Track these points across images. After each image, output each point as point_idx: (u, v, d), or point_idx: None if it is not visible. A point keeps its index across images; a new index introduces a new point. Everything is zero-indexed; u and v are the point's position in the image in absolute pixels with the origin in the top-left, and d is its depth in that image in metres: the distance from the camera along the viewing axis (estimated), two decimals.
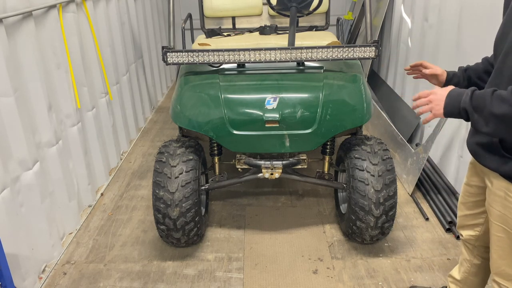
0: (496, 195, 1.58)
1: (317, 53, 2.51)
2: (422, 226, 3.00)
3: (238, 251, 2.80)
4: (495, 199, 1.59)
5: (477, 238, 1.90)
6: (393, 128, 3.82)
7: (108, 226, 3.08)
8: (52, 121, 2.70)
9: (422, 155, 3.23)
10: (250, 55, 2.52)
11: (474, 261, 1.99)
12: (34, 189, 2.49)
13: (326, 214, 3.17)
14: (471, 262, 2.00)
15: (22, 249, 2.35)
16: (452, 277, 2.13)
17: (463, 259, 2.04)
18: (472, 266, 2.00)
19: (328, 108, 2.46)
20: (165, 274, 2.62)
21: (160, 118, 5.09)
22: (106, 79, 3.63)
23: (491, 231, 1.66)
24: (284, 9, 3.19)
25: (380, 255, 2.73)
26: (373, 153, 2.54)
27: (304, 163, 2.80)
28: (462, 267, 2.05)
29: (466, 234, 1.95)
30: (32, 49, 2.50)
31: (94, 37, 3.39)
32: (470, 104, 1.43)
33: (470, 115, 1.45)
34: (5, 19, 2.25)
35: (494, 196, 1.59)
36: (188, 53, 2.53)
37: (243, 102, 2.51)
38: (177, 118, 2.62)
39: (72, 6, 3.04)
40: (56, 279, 2.59)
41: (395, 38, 4.53)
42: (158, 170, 2.53)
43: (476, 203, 1.82)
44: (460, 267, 2.07)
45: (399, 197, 3.31)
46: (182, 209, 2.48)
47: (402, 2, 4.34)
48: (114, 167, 3.87)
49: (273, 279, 2.55)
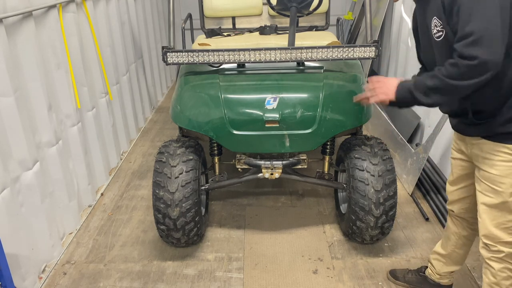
0: (485, 158, 1.77)
1: (317, 53, 2.51)
2: (422, 226, 3.00)
3: (238, 251, 2.80)
4: (484, 162, 1.78)
5: (467, 209, 2.06)
6: (393, 128, 3.82)
7: (108, 226, 3.08)
8: (52, 121, 2.70)
9: (422, 155, 3.23)
10: (250, 55, 2.51)
11: (463, 233, 2.13)
12: (34, 189, 2.49)
13: (326, 214, 3.17)
14: (459, 235, 2.15)
15: (22, 249, 2.35)
16: (437, 253, 2.28)
17: (450, 233, 2.18)
18: (459, 238, 2.17)
19: (328, 108, 2.46)
20: (165, 274, 2.62)
21: (160, 118, 5.09)
22: (106, 79, 3.63)
23: (481, 194, 1.82)
24: (284, 9, 3.19)
25: (380, 255, 2.73)
26: (373, 153, 2.54)
27: (304, 163, 2.80)
28: (449, 241, 2.20)
29: (457, 208, 2.10)
30: (32, 49, 2.50)
31: (94, 37, 3.39)
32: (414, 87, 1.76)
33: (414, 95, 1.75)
34: (5, 19, 2.25)
35: (482, 159, 1.79)
36: (188, 53, 2.53)
37: (243, 102, 2.51)
38: (177, 118, 2.62)
39: (72, 6, 3.04)
40: (56, 279, 2.59)
41: (395, 38, 4.53)
42: (158, 170, 2.53)
43: (466, 176, 1.99)
44: (447, 242, 2.21)
45: (399, 197, 3.30)
46: (182, 209, 2.48)
47: (402, 2, 4.34)
48: (114, 167, 3.87)
49: (273, 279, 2.55)
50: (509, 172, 1.72)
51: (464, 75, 1.59)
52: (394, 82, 1.86)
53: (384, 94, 1.88)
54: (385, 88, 1.88)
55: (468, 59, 1.55)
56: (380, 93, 1.90)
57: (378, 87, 1.92)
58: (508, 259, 1.81)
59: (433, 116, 3.49)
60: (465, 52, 1.55)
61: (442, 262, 2.26)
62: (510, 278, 1.83)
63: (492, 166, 1.74)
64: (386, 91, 1.87)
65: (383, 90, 1.89)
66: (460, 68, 1.58)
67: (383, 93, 1.88)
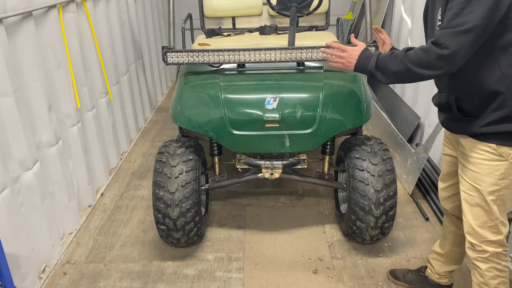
0: (469, 156, 1.79)
1: (317, 53, 2.51)
2: (422, 226, 3.00)
3: (238, 251, 2.80)
4: (467, 159, 1.81)
5: (459, 207, 2.03)
6: (393, 128, 3.82)
7: (108, 226, 3.08)
8: (52, 121, 2.70)
9: (422, 155, 3.23)
10: (250, 55, 2.52)
11: (459, 232, 2.13)
12: (34, 189, 2.49)
13: (326, 214, 3.17)
14: (456, 233, 2.16)
15: (22, 249, 2.35)
16: (435, 252, 2.29)
17: (447, 232, 2.19)
18: (456, 237, 2.15)
19: (328, 108, 2.46)
20: (165, 274, 2.62)
21: (160, 118, 5.09)
22: (106, 79, 3.63)
23: (464, 193, 1.83)
24: (284, 9, 3.19)
25: (380, 255, 2.73)
26: (373, 153, 2.54)
27: (304, 163, 2.80)
28: (446, 240, 2.20)
29: (449, 206, 2.13)
30: (32, 49, 2.50)
31: (94, 37, 3.39)
32: (374, 67, 1.85)
33: (374, 74, 1.86)
34: (5, 19, 2.25)
35: (466, 157, 1.81)
36: (188, 53, 2.53)
37: (243, 102, 2.51)
38: (177, 118, 2.62)
39: (72, 6, 3.04)
40: (56, 279, 2.59)
41: (395, 38, 4.52)
42: (158, 170, 2.53)
43: (454, 173, 2.01)
44: (445, 241, 2.22)
45: (399, 197, 3.31)
46: (182, 209, 2.48)
47: (402, 2, 4.34)
48: (114, 167, 3.87)
49: (273, 279, 2.55)
50: (490, 171, 1.74)
51: (430, 64, 1.64)
52: (357, 52, 1.96)
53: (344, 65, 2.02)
54: (349, 58, 1.98)
55: (440, 48, 1.59)
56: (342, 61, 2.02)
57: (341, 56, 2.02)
58: (494, 259, 1.82)
59: (433, 116, 3.49)
60: (441, 40, 1.58)
61: (440, 261, 2.27)
62: (497, 277, 1.84)
63: (474, 164, 1.78)
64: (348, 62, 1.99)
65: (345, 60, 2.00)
66: (430, 55, 1.62)
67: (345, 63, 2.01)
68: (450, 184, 2.08)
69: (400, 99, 4.27)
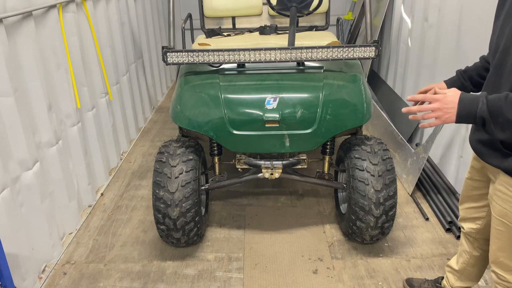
0: (498, 190, 1.61)
1: (317, 53, 2.51)
2: (422, 226, 3.00)
3: (238, 251, 2.80)
4: (497, 194, 1.62)
5: (478, 231, 1.94)
6: (393, 128, 3.82)
7: (108, 226, 3.08)
8: (52, 121, 2.70)
9: (422, 155, 3.23)
10: (250, 55, 2.51)
11: (474, 253, 2.03)
12: (34, 189, 2.49)
13: (326, 214, 3.17)
14: (470, 254, 2.05)
15: (22, 249, 2.35)
16: (450, 267, 2.19)
17: (462, 250, 2.08)
18: (471, 258, 2.05)
19: (328, 108, 2.46)
20: (165, 274, 2.62)
21: (160, 118, 5.09)
22: (106, 79, 3.63)
23: (492, 224, 1.69)
24: (284, 9, 3.19)
25: (380, 255, 2.73)
26: (373, 153, 2.54)
27: (304, 163, 2.80)
28: (461, 258, 2.10)
29: (467, 226, 1.99)
30: (32, 49, 2.50)
31: (94, 37, 3.39)
32: (487, 112, 1.40)
33: (487, 122, 1.41)
34: (5, 19, 2.25)
35: (496, 191, 1.62)
36: (188, 53, 2.53)
37: (243, 102, 2.51)
38: (177, 118, 2.62)
39: (72, 6, 3.04)
40: (56, 279, 2.59)
41: (395, 38, 4.53)
42: (158, 170, 2.53)
43: (479, 196, 1.86)
44: (459, 258, 2.12)
45: (399, 197, 3.31)
46: (182, 209, 2.48)
47: (402, 2, 4.34)
48: (114, 167, 3.87)
49: (273, 279, 2.55)
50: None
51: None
52: (454, 98, 1.47)
53: (441, 119, 1.49)
54: (445, 109, 1.48)
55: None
56: (438, 115, 1.50)
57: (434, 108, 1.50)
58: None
59: None
60: None
61: (455, 276, 2.16)
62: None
63: (505, 202, 1.59)
64: (446, 113, 1.48)
65: (441, 112, 1.49)
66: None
67: (442, 116, 1.49)
68: (470, 207, 1.94)
69: (400, 99, 4.27)
